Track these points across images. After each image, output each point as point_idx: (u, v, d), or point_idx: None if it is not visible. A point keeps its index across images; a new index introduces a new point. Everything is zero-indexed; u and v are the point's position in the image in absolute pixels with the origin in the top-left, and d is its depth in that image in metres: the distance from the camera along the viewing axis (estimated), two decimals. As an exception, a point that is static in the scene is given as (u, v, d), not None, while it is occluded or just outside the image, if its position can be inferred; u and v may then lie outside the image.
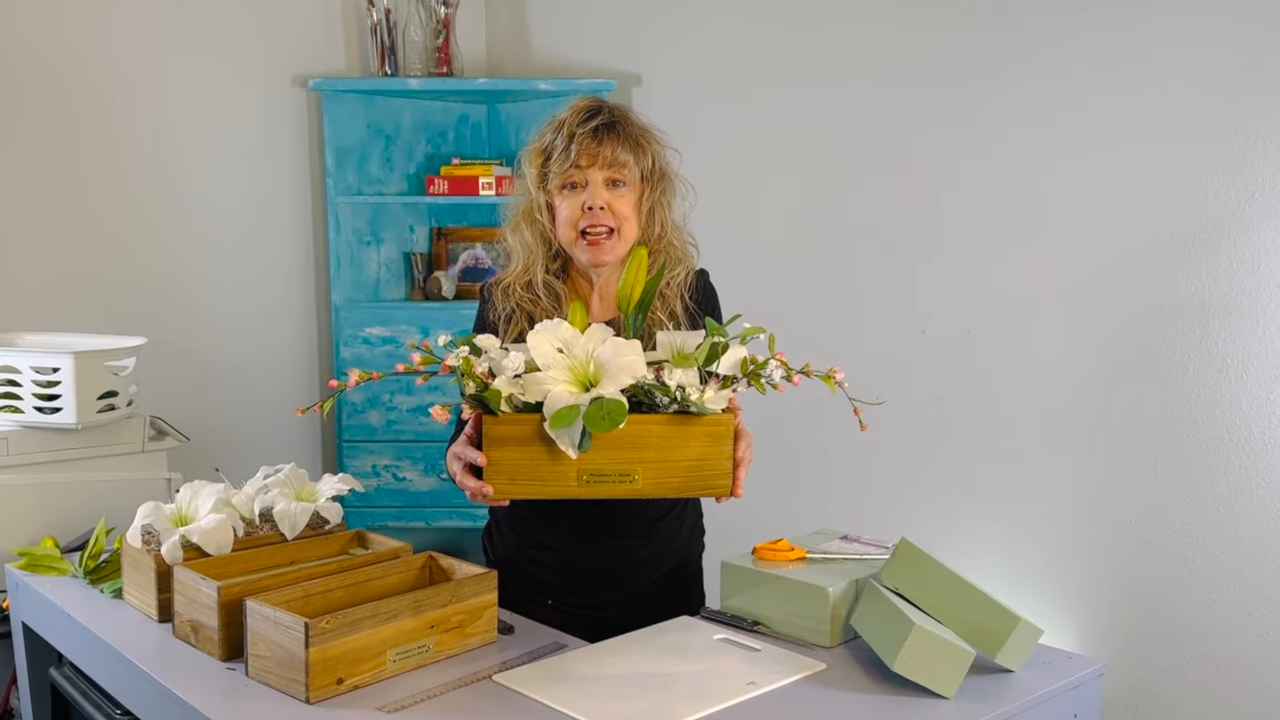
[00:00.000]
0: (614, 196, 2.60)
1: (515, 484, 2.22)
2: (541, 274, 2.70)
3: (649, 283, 2.39)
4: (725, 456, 2.26)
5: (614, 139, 2.61)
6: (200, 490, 2.58)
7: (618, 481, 2.22)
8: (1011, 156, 3.70)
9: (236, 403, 4.81)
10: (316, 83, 4.75)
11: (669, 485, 2.24)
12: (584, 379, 2.20)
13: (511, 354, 2.21)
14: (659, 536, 2.78)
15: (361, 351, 4.74)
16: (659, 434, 2.22)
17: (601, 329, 2.25)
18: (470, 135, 5.22)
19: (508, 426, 2.19)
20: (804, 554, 2.48)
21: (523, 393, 2.19)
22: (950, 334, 3.88)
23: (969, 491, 3.88)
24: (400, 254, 5.08)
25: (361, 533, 2.63)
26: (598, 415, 2.11)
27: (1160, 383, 3.45)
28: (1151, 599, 3.52)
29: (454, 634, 2.24)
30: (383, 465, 4.79)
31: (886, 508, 4.06)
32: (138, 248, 4.50)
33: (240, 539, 2.51)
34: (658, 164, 2.68)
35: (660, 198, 2.68)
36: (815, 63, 4.17)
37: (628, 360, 2.18)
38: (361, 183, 4.91)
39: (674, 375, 2.23)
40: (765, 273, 4.30)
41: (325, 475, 2.75)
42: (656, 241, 2.69)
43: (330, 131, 4.80)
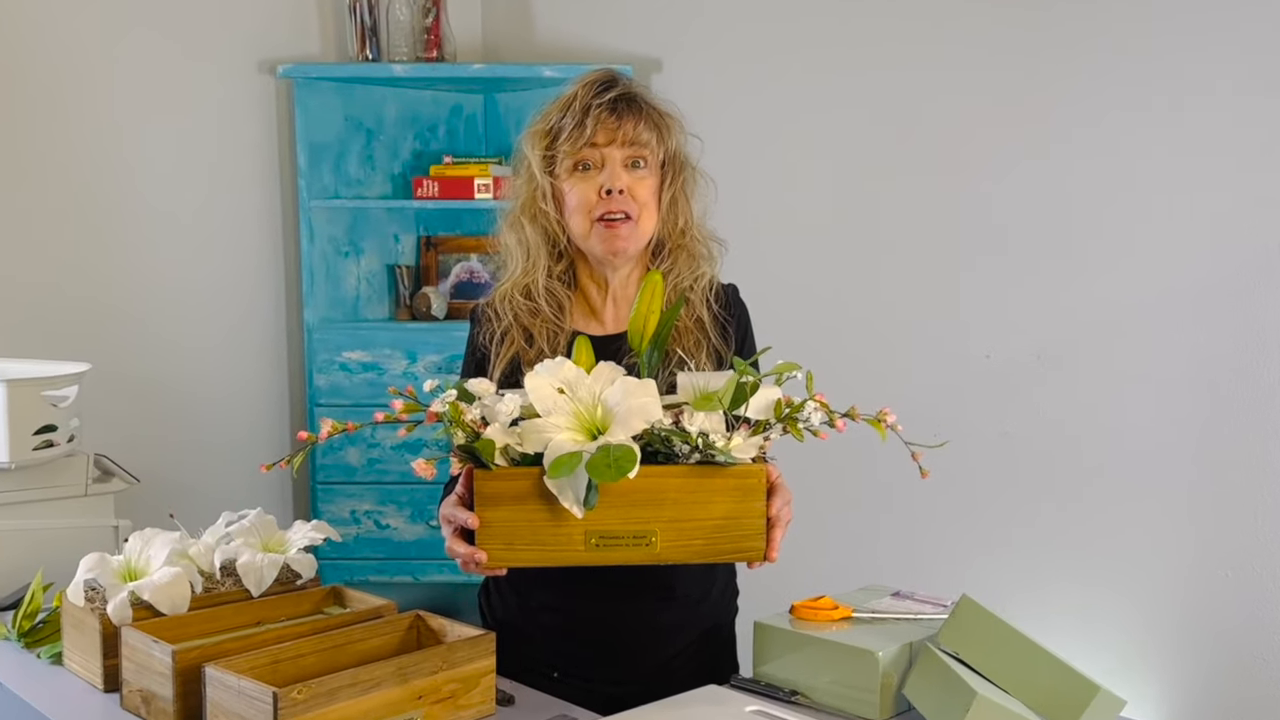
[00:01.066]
0: (633, 179, 2.59)
1: (513, 549, 2.20)
2: (543, 278, 2.68)
3: (665, 315, 2.35)
4: (757, 514, 2.22)
5: (635, 114, 2.59)
6: (152, 540, 2.58)
7: (632, 545, 2.19)
8: (1090, 152, 3.71)
9: (194, 439, 4.82)
10: (286, 69, 4.78)
11: (692, 549, 2.21)
12: (590, 425, 2.17)
13: (507, 398, 2.18)
14: (685, 598, 2.73)
15: (339, 379, 4.76)
16: (679, 488, 2.18)
17: (611, 368, 2.23)
18: (464, 130, 5.25)
19: (502, 482, 2.17)
20: (850, 613, 2.48)
21: (520, 442, 2.16)
22: (1018, 359, 3.89)
23: (1040, 540, 3.88)
24: (383, 267, 5.11)
25: (338, 589, 2.63)
26: (603, 463, 2.06)
27: (1263, 415, 3.45)
28: (1252, 666, 3.51)
29: (445, 705, 2.24)
30: (363, 511, 4.80)
31: (945, 560, 4.06)
32: (80, 261, 4.51)
33: (198, 596, 2.51)
34: (679, 150, 2.68)
35: (682, 187, 2.68)
36: (860, 45, 4.18)
37: (640, 403, 2.14)
38: (339, 184, 4.94)
39: (695, 420, 2.20)
40: (799, 287, 4.31)
41: (296, 522, 2.75)
42: (679, 238, 2.69)
43: (302, 125, 4.83)
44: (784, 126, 4.37)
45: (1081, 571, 3.80)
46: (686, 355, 2.60)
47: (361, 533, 4.81)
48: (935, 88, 4.01)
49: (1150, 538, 3.67)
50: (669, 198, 2.65)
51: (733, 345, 2.70)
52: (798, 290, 4.30)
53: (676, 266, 2.68)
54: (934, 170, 4.03)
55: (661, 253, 2.71)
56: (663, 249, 2.70)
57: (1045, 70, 3.78)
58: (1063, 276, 3.78)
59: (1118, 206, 3.66)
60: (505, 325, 2.67)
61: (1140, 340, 3.64)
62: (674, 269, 2.68)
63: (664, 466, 2.17)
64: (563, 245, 2.68)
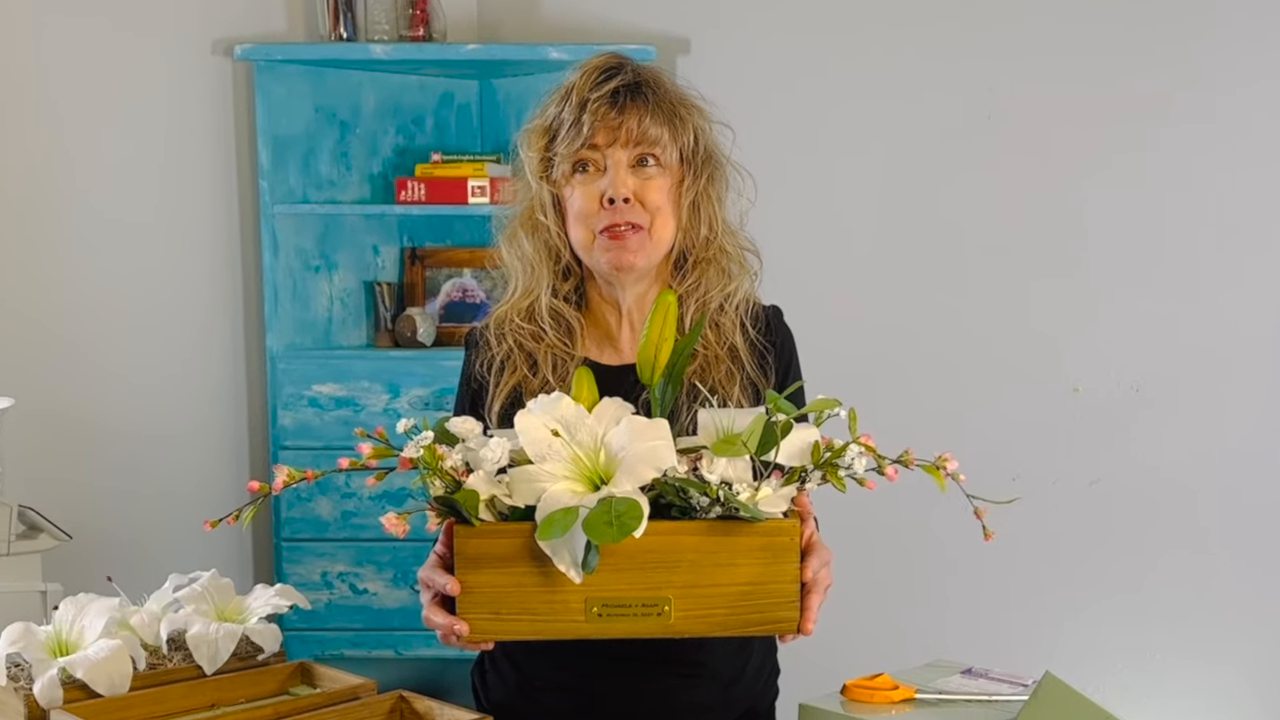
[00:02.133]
0: (643, 181, 2.56)
1: (500, 619, 2.17)
2: (547, 298, 2.67)
3: (681, 341, 2.31)
4: (789, 578, 2.18)
5: (640, 106, 2.56)
6: (87, 607, 2.58)
7: (641, 614, 2.15)
8: (1201, 151, 3.71)
9: (137, 489, 4.83)
10: (246, 50, 4.77)
11: (713, 619, 2.17)
12: (591, 473, 2.13)
13: (493, 442, 2.15)
14: (714, 676, 2.71)
15: (308, 417, 4.76)
16: (696, 548, 2.14)
17: (616, 404, 2.19)
18: (456, 122, 5.26)
19: (487, 540, 2.14)
20: (912, 694, 2.48)
21: (508, 493, 2.13)
22: (1112, 393, 3.89)
23: (1139, 608, 3.88)
24: (360, 284, 5.12)
25: (307, 665, 2.64)
26: (603, 520, 2.01)
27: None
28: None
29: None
30: (336, 573, 4.81)
31: (1025, 631, 4.06)
32: (2, 278, 4.53)
33: (141, 673, 2.50)
34: (702, 141, 2.64)
35: (707, 187, 2.64)
36: (922, 22, 4.18)
37: (649, 447, 2.10)
38: (307, 187, 4.94)
39: (716, 467, 2.15)
40: (844, 308, 4.30)
41: (257, 587, 2.76)
42: (704, 248, 2.65)
43: (264, 117, 4.83)
44: (830, 118, 4.38)
45: (1189, 641, 3.79)
46: (717, 389, 2.58)
47: (335, 598, 4.81)
48: (1015, 73, 4.01)
49: (1273, 604, 3.66)
50: (689, 201, 2.62)
51: (774, 378, 2.67)
52: (842, 311, 4.29)
53: (703, 283, 2.65)
54: (1012, 170, 4.03)
55: (684, 266, 2.68)
56: (685, 262, 2.68)
57: (1153, 53, 3.77)
58: (1169, 297, 3.78)
59: (1235, 215, 3.66)
60: (506, 350, 2.67)
61: (1258, 373, 3.64)
62: (699, 286, 2.65)
63: (678, 523, 2.14)
64: (568, 260, 2.68)
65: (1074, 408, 3.94)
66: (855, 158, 4.33)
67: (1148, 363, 3.82)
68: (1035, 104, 3.97)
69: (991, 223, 4.07)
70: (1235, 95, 3.63)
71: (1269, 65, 3.55)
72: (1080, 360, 3.93)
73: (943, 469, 2.19)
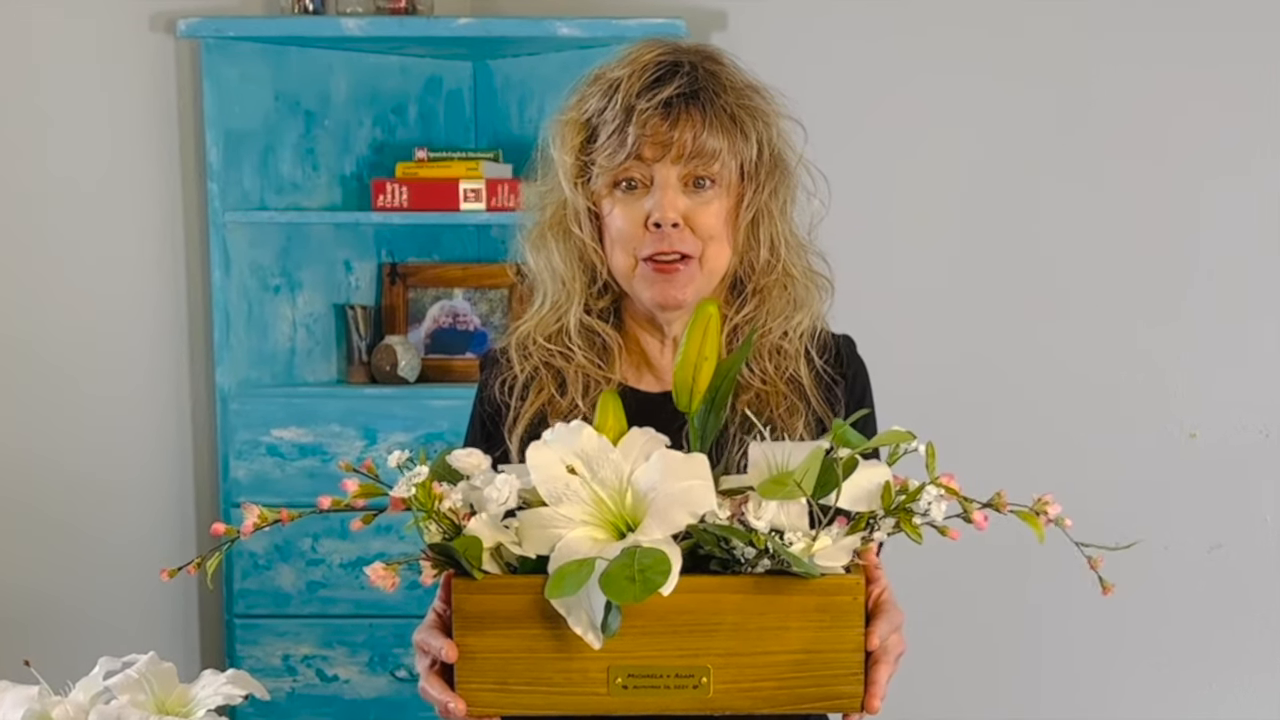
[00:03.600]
0: (696, 206, 2.58)
1: (506, 690, 2.17)
2: (578, 313, 2.70)
3: (727, 361, 2.30)
4: (852, 645, 2.16)
5: (696, 116, 2.57)
6: (1, 697, 2.65)
7: (675, 687, 2.13)
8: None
9: (62, 554, 4.86)
10: (192, 25, 4.75)
11: (760, 693, 2.15)
12: (617, 518, 2.13)
13: (499, 479, 2.13)
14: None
15: (266, 468, 4.79)
16: (739, 608, 2.13)
17: (647, 436, 2.20)
18: (446, 111, 5.28)
19: (491, 596, 2.15)
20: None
21: (517, 540, 2.14)
22: (1237, 439, 3.91)
23: (1264, 694, 3.90)
24: (330, 307, 5.14)
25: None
26: (624, 574, 1.98)
27: None
28: None
29: None
30: (301, 656, 4.83)
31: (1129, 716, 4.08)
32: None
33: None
34: (769, 148, 2.65)
35: (770, 201, 2.65)
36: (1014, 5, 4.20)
37: (684, 488, 2.08)
38: (266, 190, 4.95)
39: (764, 512, 2.12)
40: (917, 336, 4.33)
41: (205, 673, 2.80)
42: (766, 273, 2.67)
43: (214, 106, 4.81)
44: (890, 108, 4.41)
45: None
46: (777, 425, 2.59)
47: (299, 686, 4.82)
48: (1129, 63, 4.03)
49: None
50: (749, 219, 2.63)
51: (843, 415, 2.66)
52: (916, 341, 4.29)
53: (764, 308, 2.68)
54: (1116, 177, 4.04)
55: (743, 292, 2.70)
56: (744, 286, 2.70)
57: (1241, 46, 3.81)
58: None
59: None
60: (532, 369, 2.71)
61: None
62: (759, 312, 2.68)
63: (719, 578, 2.13)
64: (604, 277, 2.71)
65: (1191, 456, 3.96)
66: (922, 157, 4.37)
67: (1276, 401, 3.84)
68: (1154, 104, 3.98)
69: (1092, 240, 4.08)
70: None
71: None
72: (1196, 401, 3.94)
73: (1042, 515, 2.15)
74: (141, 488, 5.02)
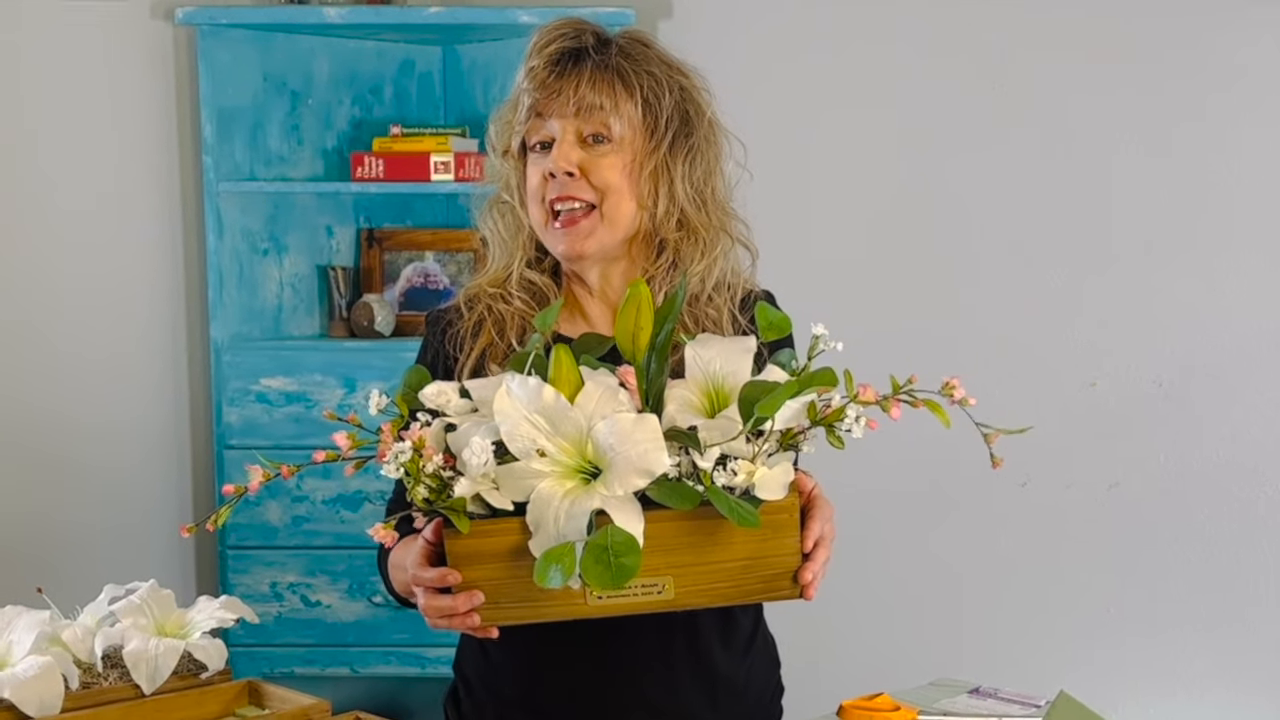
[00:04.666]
0: (592, 158, 2.58)
1: (500, 608, 2.24)
2: (520, 268, 2.71)
3: (661, 310, 2.29)
4: (789, 551, 2.24)
5: (580, 72, 2.59)
6: (14, 621, 2.58)
7: (641, 594, 2.20)
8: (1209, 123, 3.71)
9: (70, 491, 4.82)
10: (188, 12, 4.74)
11: (714, 592, 2.25)
12: (580, 465, 2.16)
13: (474, 442, 2.15)
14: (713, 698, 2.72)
15: (255, 413, 4.75)
16: (692, 531, 2.20)
17: (603, 389, 2.20)
18: (417, 92, 5.26)
19: (478, 540, 2.19)
20: (915, 715, 2.49)
21: (495, 486, 2.17)
22: (1133, 388, 3.89)
23: (1161, 619, 3.88)
24: (313, 269, 5.12)
25: (255, 683, 2.64)
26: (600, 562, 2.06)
27: None
28: None
29: (392, 835, 2.24)
30: (287, 583, 4.80)
31: (1037, 648, 4.06)
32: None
33: (74, 693, 2.50)
34: (666, 106, 2.63)
35: (672, 158, 2.63)
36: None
37: (639, 452, 2.13)
38: (255, 163, 4.94)
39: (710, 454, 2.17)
40: (845, 296, 4.28)
41: (201, 598, 2.75)
42: (668, 225, 2.65)
43: (208, 86, 4.81)
44: (827, 88, 4.37)
45: (1217, 656, 3.80)
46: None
47: (285, 611, 4.80)
48: (1040, 42, 4.01)
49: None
50: (649, 171, 2.62)
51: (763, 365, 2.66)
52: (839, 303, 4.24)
53: (675, 264, 2.67)
54: (1030, 148, 4.03)
55: (659, 245, 2.70)
56: (658, 239, 2.69)
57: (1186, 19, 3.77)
58: (1193, 284, 3.79)
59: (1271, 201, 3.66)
60: (477, 317, 2.70)
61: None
62: (672, 267, 2.67)
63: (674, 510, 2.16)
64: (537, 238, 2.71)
65: (1091, 404, 3.94)
66: (859, 131, 4.32)
67: (1172, 356, 3.82)
68: (1061, 78, 3.97)
69: (1003, 206, 4.07)
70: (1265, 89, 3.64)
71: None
72: (1097, 355, 3.93)
73: (950, 398, 2.23)
74: (144, 430, 4.99)
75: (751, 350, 2.26)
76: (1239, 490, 3.72)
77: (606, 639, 2.58)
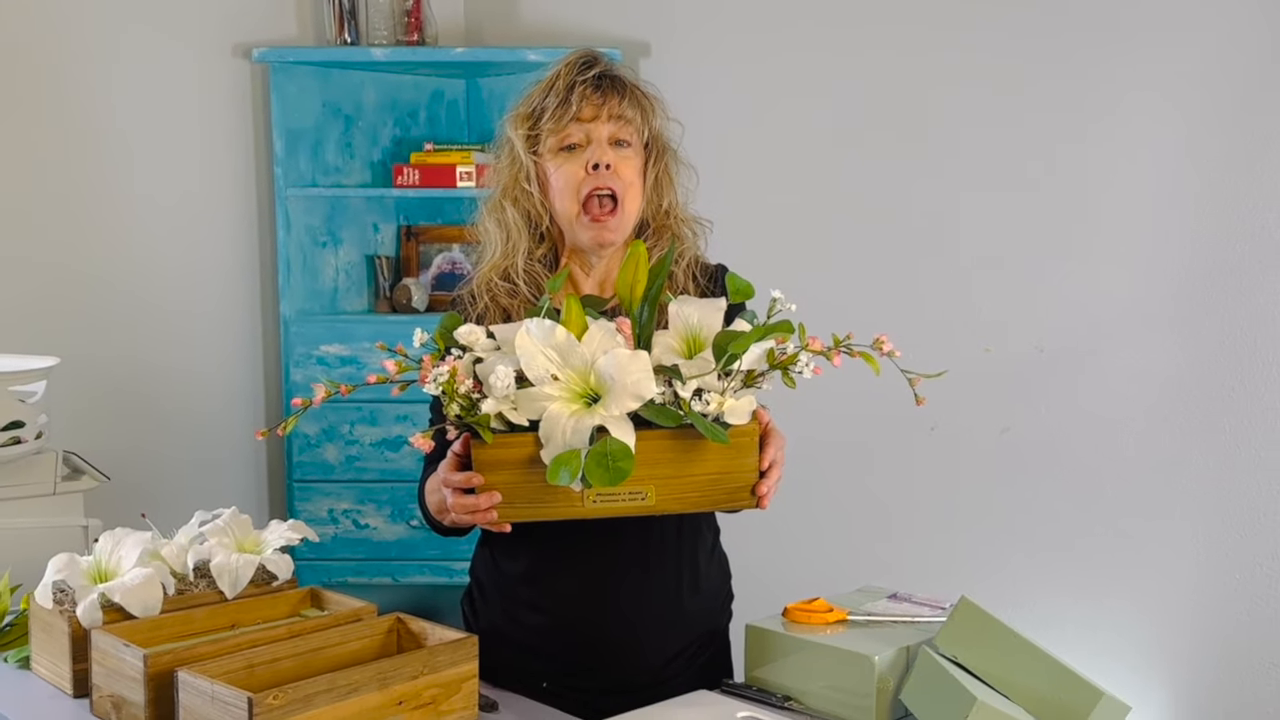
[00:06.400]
0: (619, 158, 2.64)
1: (514, 507, 2.29)
2: (523, 261, 2.71)
3: (654, 267, 2.37)
4: (749, 469, 2.32)
5: (619, 91, 2.65)
6: (123, 540, 2.57)
7: (628, 500, 2.27)
8: (1097, 142, 3.71)
9: (167, 436, 4.81)
10: (262, 53, 4.76)
11: (687, 500, 2.31)
12: (585, 392, 2.24)
13: (499, 369, 2.22)
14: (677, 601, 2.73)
15: (316, 374, 4.74)
16: (673, 448, 2.27)
17: (604, 330, 2.27)
18: (445, 115, 5.24)
19: (500, 450, 2.25)
20: (845, 616, 2.49)
21: (514, 407, 2.24)
22: (1019, 353, 3.89)
23: (1042, 540, 3.88)
24: (362, 257, 5.11)
25: (316, 590, 2.63)
26: (601, 467, 2.16)
27: (1270, 412, 3.45)
28: (1258, 669, 3.51)
29: (426, 711, 2.24)
30: (341, 510, 4.80)
31: (943, 561, 4.06)
32: (46, 254, 4.50)
33: (171, 598, 2.51)
34: (661, 132, 2.73)
35: (665, 169, 2.73)
36: (862, 36, 4.16)
37: (633, 380, 2.20)
38: (316, 172, 4.93)
39: (688, 386, 2.26)
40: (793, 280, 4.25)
41: (273, 522, 2.75)
42: (663, 219, 2.73)
43: (279, 111, 4.82)
44: (778, 111, 4.36)
45: (1086, 571, 3.80)
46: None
47: (339, 532, 4.81)
48: (936, 74, 4.00)
49: (1157, 539, 3.67)
50: (653, 178, 2.70)
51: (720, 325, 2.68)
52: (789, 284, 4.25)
53: (660, 245, 2.70)
54: (940, 165, 4.02)
55: (645, 234, 2.73)
56: (646, 230, 2.74)
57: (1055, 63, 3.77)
58: (1067, 266, 3.78)
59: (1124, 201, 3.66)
60: (482, 308, 2.70)
61: (1148, 333, 3.64)
62: (656, 249, 2.67)
63: (659, 430, 2.25)
64: (544, 227, 2.72)
65: (986, 365, 3.94)
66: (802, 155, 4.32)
67: (1050, 325, 3.82)
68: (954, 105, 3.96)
69: (920, 208, 4.06)
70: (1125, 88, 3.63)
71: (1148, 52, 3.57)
72: (992, 323, 3.93)
73: (879, 351, 2.31)
74: (228, 387, 5.00)
75: (722, 309, 2.35)
76: (1103, 434, 3.72)
77: (592, 548, 2.64)
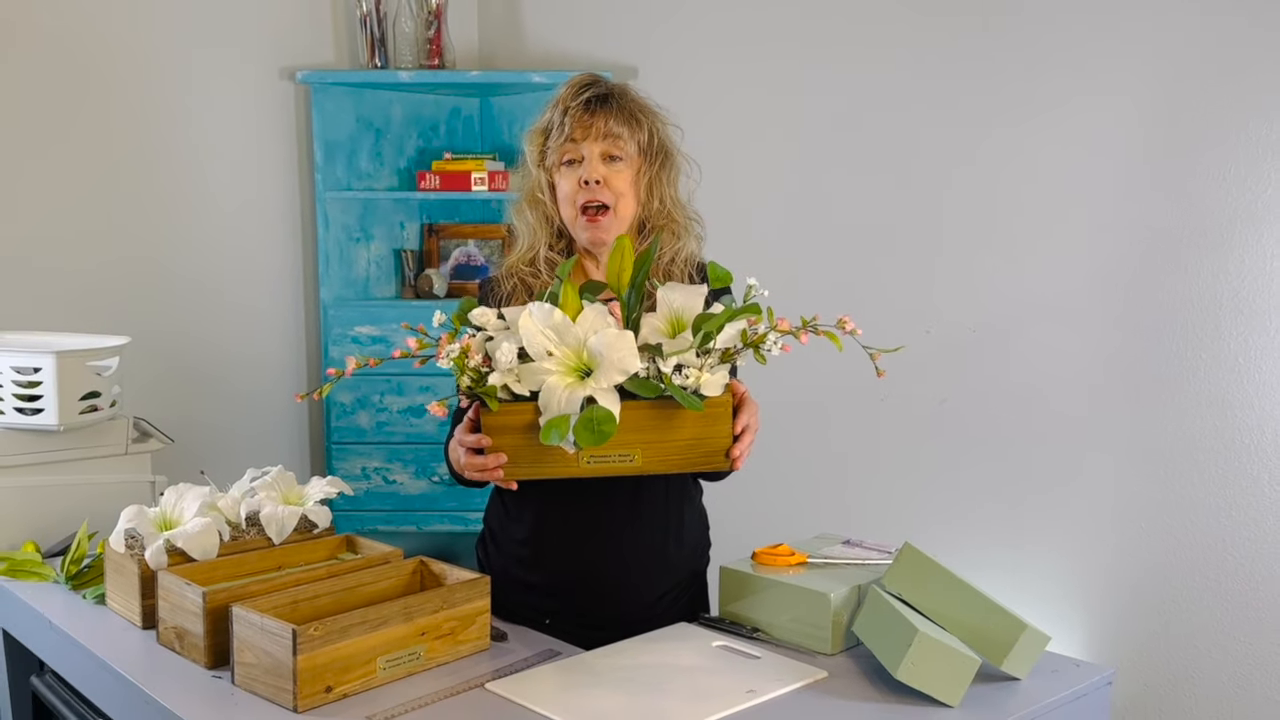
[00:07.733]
0: (611, 172, 2.62)
1: (518, 466, 2.30)
2: (544, 251, 2.72)
3: (639, 258, 2.37)
4: (724, 434, 2.31)
5: (607, 112, 2.63)
6: (185, 493, 2.57)
7: (618, 461, 2.28)
8: (1018, 148, 3.71)
9: (222, 404, 4.81)
10: (305, 75, 4.76)
11: (669, 462, 2.31)
12: (578, 366, 2.24)
13: (504, 346, 2.23)
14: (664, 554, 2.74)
15: (351, 351, 4.71)
16: (656, 416, 2.27)
17: (596, 312, 2.27)
18: (462, 129, 5.22)
19: (505, 417, 2.26)
20: (805, 559, 2.48)
21: (518, 379, 2.24)
22: (956, 333, 3.88)
23: (975, 495, 3.88)
24: (390, 251, 5.09)
25: (350, 537, 2.63)
26: (587, 430, 2.17)
27: (1172, 382, 3.45)
28: (1162, 605, 3.52)
29: (445, 641, 2.24)
30: (372, 468, 4.79)
31: (890, 512, 4.06)
32: (121, 245, 4.49)
33: (226, 544, 2.51)
34: (657, 138, 2.70)
35: (660, 173, 2.70)
36: (820, 58, 4.16)
37: (619, 356, 2.20)
38: (351, 178, 4.92)
39: (669, 362, 2.26)
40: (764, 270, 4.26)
41: (313, 478, 2.75)
42: (657, 216, 2.71)
43: (319, 125, 4.81)
44: (752, 130, 4.36)
45: (1012, 522, 3.81)
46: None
47: (371, 487, 4.80)
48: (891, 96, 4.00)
49: (1073, 493, 3.67)
50: (645, 182, 2.68)
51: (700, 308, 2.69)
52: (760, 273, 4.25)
53: (657, 240, 2.65)
54: (886, 167, 4.02)
55: (645, 230, 2.72)
56: (645, 227, 2.72)
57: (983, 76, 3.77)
58: (997, 259, 3.78)
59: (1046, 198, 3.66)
60: (510, 288, 2.72)
61: (1064, 316, 3.64)
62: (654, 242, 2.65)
63: (643, 400, 2.25)
64: (559, 225, 2.73)
65: (927, 344, 3.93)
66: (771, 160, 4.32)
67: (983, 310, 3.81)
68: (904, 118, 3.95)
69: (867, 202, 4.06)
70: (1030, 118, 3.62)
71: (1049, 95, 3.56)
72: (933, 307, 3.92)
73: (842, 330, 2.27)
74: (276, 362, 4.98)
75: (703, 294, 2.33)
76: (1029, 404, 3.72)
77: (592, 506, 2.64)
